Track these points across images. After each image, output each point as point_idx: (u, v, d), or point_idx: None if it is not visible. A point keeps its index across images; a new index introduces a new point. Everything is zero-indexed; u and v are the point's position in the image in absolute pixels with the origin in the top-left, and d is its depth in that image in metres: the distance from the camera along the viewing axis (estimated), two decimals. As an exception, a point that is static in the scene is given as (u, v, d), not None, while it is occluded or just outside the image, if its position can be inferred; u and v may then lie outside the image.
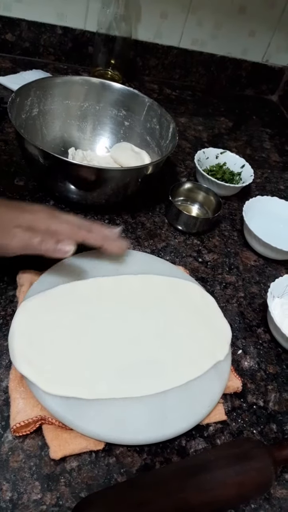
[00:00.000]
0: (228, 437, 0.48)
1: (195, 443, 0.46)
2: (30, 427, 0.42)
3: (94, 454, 0.43)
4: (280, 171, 0.95)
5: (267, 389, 0.53)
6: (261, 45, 1.15)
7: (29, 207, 0.51)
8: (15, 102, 0.65)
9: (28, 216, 0.49)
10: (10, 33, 0.99)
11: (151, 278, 0.57)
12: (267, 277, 0.68)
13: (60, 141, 0.77)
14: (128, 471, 0.42)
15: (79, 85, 0.76)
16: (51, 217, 0.50)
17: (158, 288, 0.56)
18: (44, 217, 0.50)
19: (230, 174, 0.81)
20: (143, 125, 0.78)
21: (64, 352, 0.46)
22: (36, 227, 0.48)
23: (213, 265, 0.68)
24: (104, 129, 0.80)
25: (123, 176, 0.63)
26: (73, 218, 0.53)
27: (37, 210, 0.51)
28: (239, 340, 0.58)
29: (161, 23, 1.05)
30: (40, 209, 0.51)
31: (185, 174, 0.84)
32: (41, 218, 0.49)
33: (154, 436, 0.43)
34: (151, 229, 0.70)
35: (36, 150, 0.59)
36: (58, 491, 0.40)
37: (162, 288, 0.56)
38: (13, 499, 0.38)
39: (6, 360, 0.47)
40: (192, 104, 1.09)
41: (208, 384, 0.48)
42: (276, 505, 0.44)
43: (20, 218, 0.48)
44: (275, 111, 1.20)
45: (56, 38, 1.02)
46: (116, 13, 0.93)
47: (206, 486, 0.39)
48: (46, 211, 0.51)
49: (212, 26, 1.08)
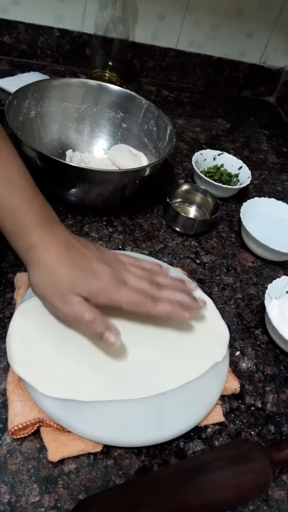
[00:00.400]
0: (226, 438, 0.48)
1: (193, 445, 0.46)
2: (28, 429, 0.42)
3: (92, 456, 0.43)
4: (278, 172, 0.96)
5: (265, 390, 0.53)
6: (258, 47, 1.15)
7: (99, 268, 0.45)
8: (12, 105, 0.65)
9: (92, 284, 0.44)
10: (7, 35, 0.99)
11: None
12: (265, 279, 0.68)
13: (58, 144, 0.77)
14: (126, 473, 0.42)
15: (77, 87, 0.76)
16: (117, 285, 0.45)
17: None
18: (108, 286, 0.45)
19: (227, 176, 0.81)
20: (141, 127, 0.78)
21: (61, 354, 0.46)
22: (96, 300, 0.44)
23: (210, 266, 0.68)
24: (101, 131, 0.80)
25: (121, 178, 0.64)
26: (142, 274, 0.48)
27: (104, 275, 0.45)
28: (237, 341, 0.58)
29: (159, 25, 1.06)
30: (108, 273, 0.45)
31: (183, 176, 0.85)
32: (105, 289, 0.44)
33: (152, 438, 0.44)
34: (149, 230, 0.70)
35: (33, 153, 0.59)
36: (56, 494, 0.40)
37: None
38: (11, 501, 0.38)
39: (4, 363, 0.47)
40: (189, 106, 1.10)
41: (206, 385, 0.48)
42: (274, 506, 0.44)
43: (83, 285, 0.44)
44: (272, 113, 1.20)
45: (54, 40, 1.02)
46: (114, 15, 0.94)
47: (204, 488, 0.39)
48: (114, 277, 0.45)
49: (209, 27, 1.08)
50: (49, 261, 0.44)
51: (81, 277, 0.44)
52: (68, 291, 0.43)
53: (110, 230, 0.67)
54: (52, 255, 0.44)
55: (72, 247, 0.46)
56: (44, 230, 0.45)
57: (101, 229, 0.67)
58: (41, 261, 0.44)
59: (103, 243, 0.65)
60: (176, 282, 0.51)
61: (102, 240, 0.65)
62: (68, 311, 0.43)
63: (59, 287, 0.43)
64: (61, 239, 0.46)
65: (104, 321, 0.43)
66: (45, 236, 0.45)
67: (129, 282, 0.46)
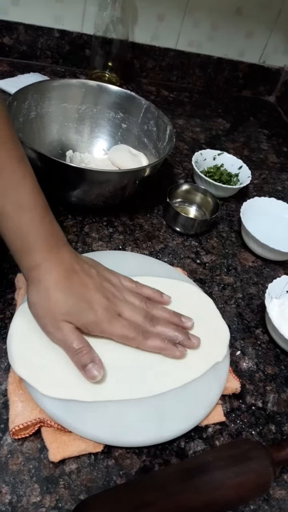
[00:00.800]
0: (227, 438, 0.48)
1: (194, 445, 0.46)
2: (29, 429, 0.42)
3: (93, 456, 0.43)
4: (278, 172, 0.96)
5: (266, 390, 0.53)
6: (258, 46, 1.15)
7: (95, 300, 0.46)
8: (12, 106, 0.65)
9: (86, 318, 0.45)
10: (7, 36, 0.99)
11: (149, 279, 0.57)
12: (265, 278, 0.68)
13: (58, 144, 0.77)
14: (127, 473, 0.42)
15: (77, 88, 0.76)
16: (110, 318, 0.46)
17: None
18: (101, 320, 0.45)
19: (227, 176, 0.81)
20: (141, 127, 0.78)
21: (62, 355, 0.46)
22: (88, 331, 0.45)
23: (211, 266, 0.68)
24: (101, 132, 0.80)
25: (121, 178, 0.64)
26: (139, 304, 0.49)
27: (99, 307, 0.45)
28: (238, 341, 0.58)
29: (158, 25, 1.06)
30: (103, 306, 0.46)
31: (183, 176, 0.85)
32: (98, 322, 0.45)
33: (153, 437, 0.44)
34: (149, 231, 0.70)
35: (33, 153, 0.59)
36: (57, 494, 0.40)
37: (160, 289, 0.56)
38: (13, 502, 0.38)
39: (4, 363, 0.47)
40: (189, 106, 1.10)
41: (207, 385, 0.48)
42: (275, 506, 0.44)
43: (77, 316, 0.45)
44: (272, 112, 1.20)
45: (54, 41, 1.02)
46: (113, 16, 0.94)
47: (205, 488, 0.39)
48: (108, 311, 0.46)
49: (209, 27, 1.08)
50: (48, 285, 0.44)
51: (76, 308, 0.45)
52: (61, 319, 0.44)
53: (110, 230, 0.68)
54: (51, 279, 0.45)
55: (74, 274, 0.46)
56: (49, 253, 0.45)
57: (101, 230, 0.67)
58: (41, 283, 0.44)
59: (103, 243, 0.65)
60: (173, 316, 0.51)
61: (103, 241, 0.65)
62: (59, 336, 0.45)
63: (53, 313, 0.44)
64: (64, 263, 0.46)
65: (90, 353, 0.44)
66: (49, 258, 0.45)
67: (124, 315, 0.47)
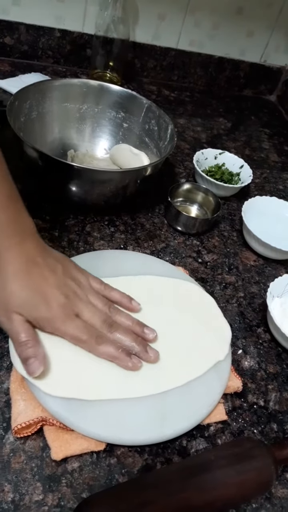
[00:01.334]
0: (228, 437, 0.48)
1: (196, 443, 0.46)
2: (31, 428, 0.42)
3: (95, 455, 0.43)
4: (279, 171, 0.95)
5: (268, 388, 0.53)
6: (259, 46, 1.15)
7: (52, 296, 0.44)
8: (14, 105, 0.65)
9: (39, 313, 0.44)
10: (8, 36, 1.00)
11: (150, 279, 0.57)
12: (267, 277, 0.68)
13: (59, 144, 0.77)
14: (129, 471, 0.43)
15: (78, 87, 0.76)
16: (65, 317, 0.44)
17: (158, 289, 0.56)
18: (55, 317, 0.44)
19: (229, 175, 0.81)
20: (142, 127, 0.78)
21: (64, 353, 0.46)
22: (40, 327, 0.44)
23: (212, 265, 0.68)
24: (103, 131, 0.80)
25: (122, 177, 0.64)
26: (101, 307, 0.47)
27: (55, 304, 0.44)
28: (239, 340, 0.58)
29: (159, 24, 1.06)
30: (59, 304, 0.44)
31: (184, 175, 0.85)
32: (51, 319, 0.44)
33: (155, 436, 0.44)
34: (150, 230, 0.70)
35: (35, 153, 0.59)
36: (59, 492, 0.40)
37: (162, 289, 0.56)
38: (15, 500, 0.39)
39: (7, 362, 0.47)
40: (190, 105, 1.10)
41: (209, 384, 0.48)
42: (277, 504, 0.44)
43: (30, 310, 0.43)
44: (273, 111, 1.20)
45: (55, 41, 1.03)
46: (114, 16, 0.94)
47: (207, 486, 0.39)
48: (64, 309, 0.44)
49: (210, 27, 1.08)
50: (5, 275, 0.43)
51: (31, 302, 0.43)
52: (13, 310, 0.43)
53: (112, 229, 0.68)
54: (10, 269, 0.43)
55: (35, 266, 0.45)
56: (11, 241, 0.44)
57: (102, 229, 0.67)
58: (1, 272, 0.43)
59: (105, 242, 0.65)
60: (135, 325, 0.49)
61: (104, 240, 0.65)
62: (8, 327, 0.43)
63: (6, 303, 0.43)
64: (26, 254, 0.44)
65: (35, 348, 0.43)
66: (10, 247, 0.44)
67: (82, 316, 0.46)
